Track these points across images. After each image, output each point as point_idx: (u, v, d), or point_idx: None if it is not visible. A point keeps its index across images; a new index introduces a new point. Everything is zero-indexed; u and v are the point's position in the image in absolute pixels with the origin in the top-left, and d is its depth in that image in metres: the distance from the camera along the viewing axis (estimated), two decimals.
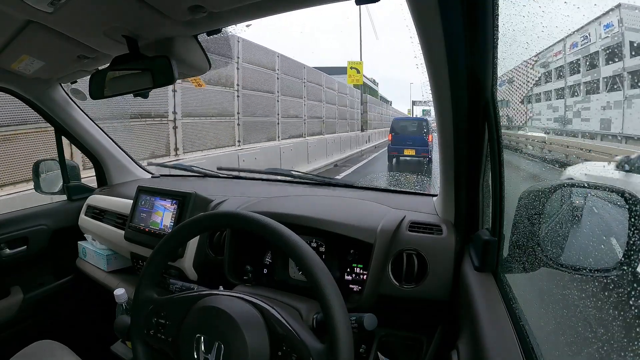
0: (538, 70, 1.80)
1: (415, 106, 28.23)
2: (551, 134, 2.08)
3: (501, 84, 1.74)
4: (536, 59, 1.65)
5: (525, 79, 1.75)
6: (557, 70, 1.81)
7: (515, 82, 1.75)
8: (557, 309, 1.11)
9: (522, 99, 1.93)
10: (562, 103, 1.85)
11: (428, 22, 0.56)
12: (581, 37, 1.53)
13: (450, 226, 0.87)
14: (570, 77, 1.77)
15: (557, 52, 1.68)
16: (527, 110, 2.00)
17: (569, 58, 1.68)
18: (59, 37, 0.80)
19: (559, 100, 1.85)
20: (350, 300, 0.86)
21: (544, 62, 1.77)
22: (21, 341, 1.03)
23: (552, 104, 1.93)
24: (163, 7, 0.68)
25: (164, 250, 0.71)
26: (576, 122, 1.88)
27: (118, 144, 1.60)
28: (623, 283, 0.66)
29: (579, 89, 1.76)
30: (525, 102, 1.97)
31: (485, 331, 0.55)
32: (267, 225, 0.61)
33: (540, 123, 2.14)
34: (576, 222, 0.75)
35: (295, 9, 0.73)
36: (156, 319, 0.68)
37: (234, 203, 1.14)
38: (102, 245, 1.40)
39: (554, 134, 2.05)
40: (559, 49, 1.65)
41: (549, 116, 2.02)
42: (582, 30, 1.47)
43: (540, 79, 1.87)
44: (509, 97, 1.88)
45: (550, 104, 1.94)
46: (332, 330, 0.53)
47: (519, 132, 2.12)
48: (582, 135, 1.83)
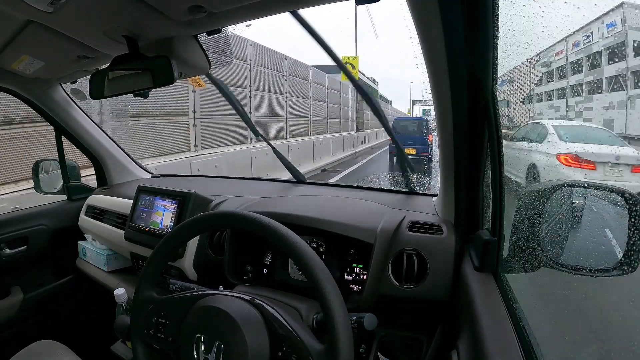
0: (539, 69, 1.78)
1: (415, 105, 27.59)
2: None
3: (502, 84, 1.71)
4: (537, 59, 1.64)
5: (526, 79, 1.74)
6: (558, 70, 1.79)
7: (516, 81, 1.75)
8: (557, 309, 1.11)
9: (523, 99, 1.91)
10: (563, 103, 1.83)
11: (428, 22, 0.56)
12: (583, 36, 1.51)
13: (450, 226, 0.87)
14: (572, 77, 1.75)
15: (559, 52, 1.66)
16: (528, 110, 1.99)
17: (571, 57, 1.66)
18: (59, 37, 0.80)
19: (561, 100, 1.84)
20: (350, 300, 0.86)
21: (545, 62, 1.75)
22: (21, 341, 1.03)
23: (554, 103, 1.92)
24: (163, 7, 0.68)
25: (164, 250, 0.71)
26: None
27: (118, 144, 1.60)
28: (623, 283, 0.66)
29: (581, 88, 1.74)
30: (527, 101, 1.95)
31: (485, 331, 0.55)
32: (267, 226, 0.61)
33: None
34: (576, 222, 0.75)
35: (295, 8, 0.73)
36: (156, 319, 0.68)
37: (234, 203, 1.14)
38: (102, 245, 1.40)
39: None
40: (560, 49, 1.63)
41: (551, 116, 2.01)
42: (584, 30, 1.45)
43: (541, 78, 1.85)
44: (509, 97, 1.86)
45: (552, 103, 1.93)
46: (332, 330, 0.53)
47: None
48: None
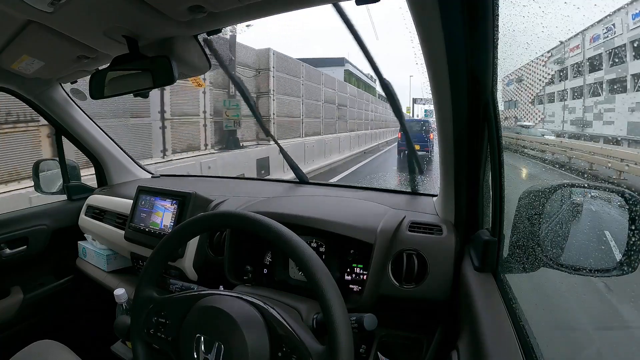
0: (551, 67, 1.61)
1: (416, 104, 25.61)
2: (566, 137, 1.86)
3: (509, 83, 1.56)
4: (549, 55, 1.48)
5: (536, 77, 1.58)
6: (573, 67, 1.60)
7: (525, 80, 1.57)
8: (557, 309, 1.11)
9: (533, 99, 1.76)
10: (580, 103, 1.65)
11: (428, 23, 0.56)
12: (604, 28, 1.33)
13: (450, 226, 0.87)
14: (591, 75, 1.56)
15: (575, 47, 1.46)
16: (538, 112, 1.83)
17: (589, 53, 1.47)
18: (59, 37, 0.80)
19: (577, 100, 1.65)
20: (351, 301, 0.86)
21: (558, 59, 1.56)
22: (21, 341, 1.03)
23: (568, 104, 1.74)
24: (163, 7, 0.68)
25: (165, 250, 0.71)
26: (597, 125, 1.66)
27: (118, 144, 1.60)
28: (623, 283, 0.66)
29: (601, 87, 1.53)
30: (536, 102, 1.79)
31: (485, 331, 0.55)
32: (267, 226, 0.61)
33: (554, 125, 1.93)
34: (576, 222, 0.75)
35: (295, 8, 0.73)
36: (156, 318, 0.68)
37: (234, 203, 1.14)
38: (102, 245, 1.40)
39: (571, 138, 1.82)
40: (576, 43, 1.43)
41: (565, 118, 1.80)
42: (605, 21, 1.27)
43: (554, 77, 1.67)
44: (517, 97, 1.69)
45: (566, 104, 1.74)
46: (332, 330, 0.53)
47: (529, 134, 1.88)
48: (604, 140, 1.60)
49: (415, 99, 25.08)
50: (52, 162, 1.56)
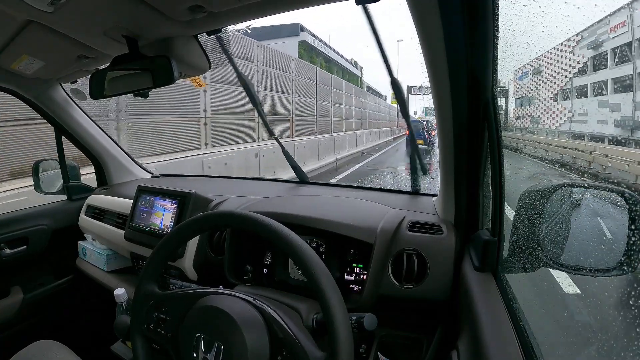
0: (582, 53, 1.23)
1: (411, 95, 18.51)
2: (605, 142, 1.41)
3: (522, 77, 1.29)
4: (578, 39, 1.11)
5: (560, 68, 1.21)
6: (614, 52, 1.24)
7: (545, 72, 1.24)
8: (557, 309, 1.11)
9: (556, 94, 1.39)
10: (625, 98, 1.30)
11: (428, 23, 0.56)
12: None
13: (450, 226, 0.87)
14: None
15: (616, 26, 1.12)
16: (563, 109, 1.45)
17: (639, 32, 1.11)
18: (59, 37, 0.80)
19: (620, 95, 1.30)
20: (350, 301, 0.86)
21: (593, 42, 1.22)
22: (21, 341, 1.03)
23: (608, 100, 1.38)
24: (163, 7, 0.68)
25: (166, 249, 0.71)
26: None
27: (118, 144, 1.60)
28: (623, 283, 0.66)
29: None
30: (561, 97, 1.40)
31: (485, 331, 0.55)
32: (267, 225, 0.61)
33: (587, 126, 1.45)
34: (576, 222, 0.75)
35: (295, 8, 0.73)
36: (157, 314, 0.68)
37: (234, 203, 1.14)
38: (102, 245, 1.40)
39: (611, 144, 1.39)
40: (619, 21, 1.10)
41: (602, 117, 1.41)
42: None
43: (586, 65, 1.31)
44: (533, 93, 1.33)
45: (605, 100, 1.37)
46: (332, 330, 0.53)
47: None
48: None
49: (411, 87, 18.23)
50: (52, 162, 1.56)
